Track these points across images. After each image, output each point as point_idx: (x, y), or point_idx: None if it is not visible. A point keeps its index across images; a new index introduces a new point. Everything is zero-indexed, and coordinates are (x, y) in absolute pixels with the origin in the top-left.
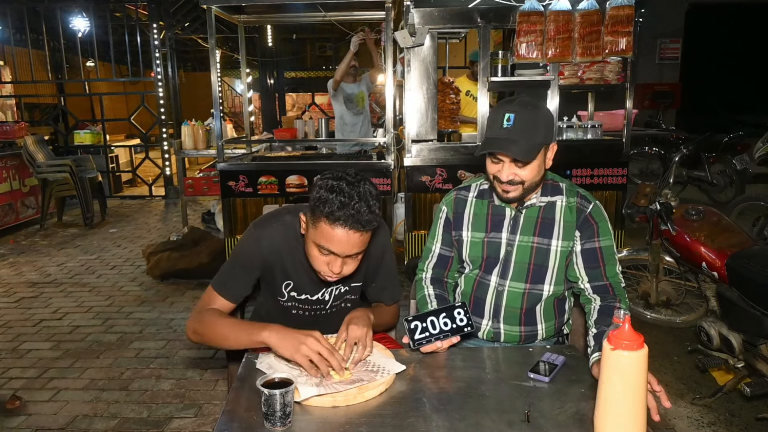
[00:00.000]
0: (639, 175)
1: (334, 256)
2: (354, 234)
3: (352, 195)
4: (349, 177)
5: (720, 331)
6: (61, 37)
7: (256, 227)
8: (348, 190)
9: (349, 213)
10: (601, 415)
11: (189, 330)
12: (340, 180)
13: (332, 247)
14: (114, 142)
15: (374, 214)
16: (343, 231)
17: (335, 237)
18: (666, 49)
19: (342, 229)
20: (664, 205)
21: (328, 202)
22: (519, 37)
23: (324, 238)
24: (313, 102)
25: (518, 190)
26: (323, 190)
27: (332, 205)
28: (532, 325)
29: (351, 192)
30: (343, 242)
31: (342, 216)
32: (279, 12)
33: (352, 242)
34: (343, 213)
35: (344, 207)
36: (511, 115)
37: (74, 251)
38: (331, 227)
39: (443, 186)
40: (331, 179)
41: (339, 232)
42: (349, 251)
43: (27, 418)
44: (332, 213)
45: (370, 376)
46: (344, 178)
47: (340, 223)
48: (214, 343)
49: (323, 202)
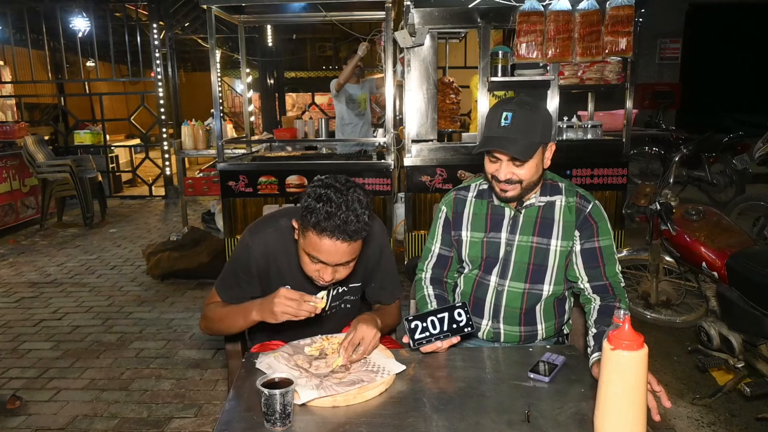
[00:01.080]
0: (639, 175)
1: (324, 264)
2: (342, 244)
3: (339, 204)
4: (338, 184)
5: (720, 331)
6: (61, 37)
7: (250, 233)
8: (336, 199)
9: (335, 224)
10: (601, 415)
11: (201, 326)
12: (329, 188)
13: (321, 256)
14: (114, 142)
15: (362, 224)
16: (330, 242)
17: (323, 247)
18: (666, 49)
19: (329, 239)
20: (664, 205)
21: (315, 211)
22: (519, 37)
23: (312, 247)
24: (313, 102)
25: (516, 190)
26: (311, 199)
27: (319, 215)
28: (532, 325)
29: (339, 201)
30: (331, 252)
31: (328, 227)
32: (279, 12)
33: (340, 252)
34: (329, 224)
35: (331, 217)
36: (509, 113)
37: (74, 251)
38: (318, 237)
39: (443, 186)
40: (319, 187)
41: (326, 242)
42: (338, 260)
43: (27, 418)
44: (318, 223)
45: (370, 376)
46: (333, 186)
47: (327, 233)
48: (222, 332)
49: (310, 211)
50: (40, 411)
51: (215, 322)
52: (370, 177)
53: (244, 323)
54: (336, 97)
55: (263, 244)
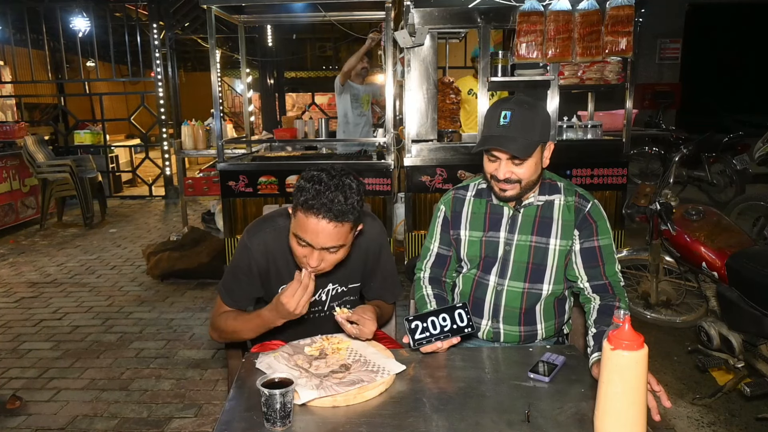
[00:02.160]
0: (639, 175)
1: (311, 248)
2: (327, 224)
3: (329, 185)
4: (333, 171)
5: (720, 331)
6: (61, 37)
7: (248, 235)
8: (326, 181)
9: (322, 202)
10: (601, 415)
11: (212, 336)
12: (322, 171)
13: (307, 237)
14: (114, 142)
15: (350, 207)
16: (315, 220)
17: (309, 226)
18: (666, 49)
19: (315, 218)
20: (664, 205)
21: (305, 190)
22: (519, 37)
23: (300, 227)
24: (313, 102)
25: (515, 189)
26: (303, 180)
27: (307, 193)
28: (531, 325)
29: (329, 182)
30: (317, 232)
31: (315, 204)
32: (279, 12)
33: (326, 233)
34: (316, 201)
35: (319, 195)
36: (507, 112)
37: (74, 251)
38: (305, 216)
39: (443, 186)
40: (314, 170)
41: (312, 221)
42: (324, 243)
43: (27, 418)
44: (306, 201)
45: (370, 376)
46: (327, 170)
47: (314, 211)
48: (234, 339)
49: (300, 190)
50: (40, 411)
51: (230, 333)
52: (370, 177)
53: (259, 331)
54: (340, 93)
55: (262, 244)
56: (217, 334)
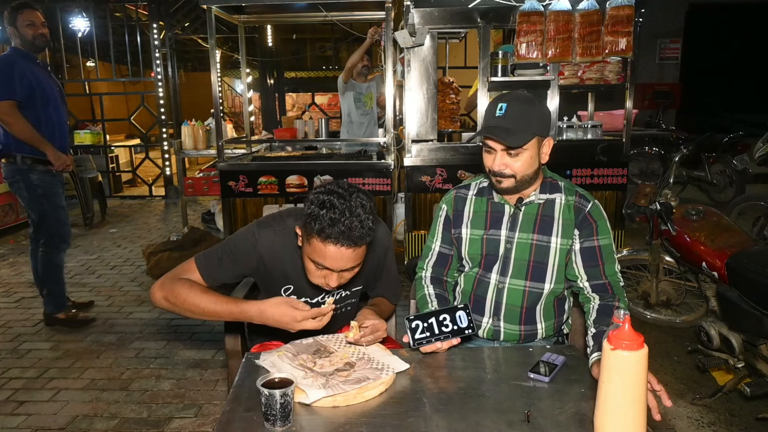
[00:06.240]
0: (639, 175)
1: (329, 270)
2: (347, 250)
3: (343, 211)
4: (341, 190)
5: (720, 331)
6: (61, 37)
7: (258, 226)
8: (339, 205)
9: (340, 230)
10: (601, 415)
11: (157, 295)
12: (332, 194)
13: (326, 263)
14: (114, 142)
15: (366, 229)
16: (335, 248)
17: (328, 254)
18: (666, 49)
19: (334, 246)
20: (664, 205)
21: (319, 219)
22: (519, 37)
23: (317, 254)
24: (313, 102)
25: (510, 182)
26: (314, 206)
27: (323, 222)
28: (531, 323)
29: (342, 207)
30: (337, 258)
31: (333, 233)
32: (279, 12)
33: (345, 258)
34: (333, 230)
35: (335, 224)
36: (504, 104)
37: (74, 251)
38: (323, 244)
39: (443, 186)
40: (322, 194)
41: (331, 249)
42: (344, 266)
43: (27, 418)
44: (323, 230)
45: (375, 374)
46: (335, 192)
47: (332, 240)
48: (185, 313)
49: (314, 218)
50: (40, 411)
51: (184, 304)
52: (370, 177)
53: (227, 317)
54: (343, 93)
55: (270, 242)
56: (163, 296)
